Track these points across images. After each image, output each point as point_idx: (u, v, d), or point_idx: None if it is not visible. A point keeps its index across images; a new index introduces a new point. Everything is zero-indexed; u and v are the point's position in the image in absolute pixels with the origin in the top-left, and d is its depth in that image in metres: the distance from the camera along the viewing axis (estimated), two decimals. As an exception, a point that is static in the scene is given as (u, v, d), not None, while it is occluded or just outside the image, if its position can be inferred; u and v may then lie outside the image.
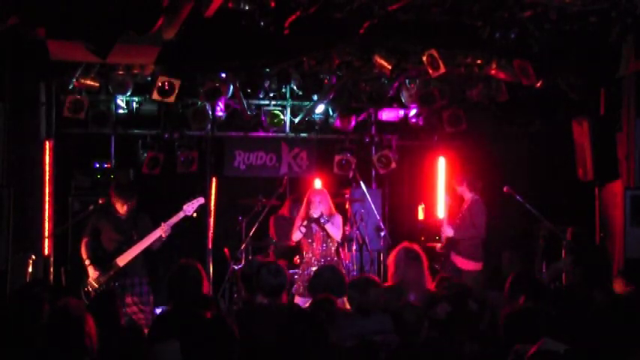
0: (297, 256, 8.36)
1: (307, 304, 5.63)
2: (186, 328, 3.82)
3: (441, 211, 10.10)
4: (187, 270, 5.03)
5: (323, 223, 7.41)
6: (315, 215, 7.41)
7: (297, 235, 7.57)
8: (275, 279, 5.09)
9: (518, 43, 7.09)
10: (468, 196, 8.10)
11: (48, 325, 3.42)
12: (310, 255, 7.55)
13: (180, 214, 7.13)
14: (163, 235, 7.02)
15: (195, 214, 7.41)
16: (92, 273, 6.99)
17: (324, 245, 7.56)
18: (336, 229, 7.52)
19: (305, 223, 7.47)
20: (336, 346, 4.21)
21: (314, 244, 7.55)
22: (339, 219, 7.63)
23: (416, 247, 6.26)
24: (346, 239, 8.96)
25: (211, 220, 9.43)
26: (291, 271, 8.01)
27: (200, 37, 6.81)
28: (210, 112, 9.36)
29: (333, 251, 7.59)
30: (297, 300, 7.32)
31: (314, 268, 7.27)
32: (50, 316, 3.44)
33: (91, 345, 3.43)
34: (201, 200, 7.34)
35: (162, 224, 7.00)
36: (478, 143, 9.90)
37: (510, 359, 3.81)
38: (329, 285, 5.31)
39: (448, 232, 8.07)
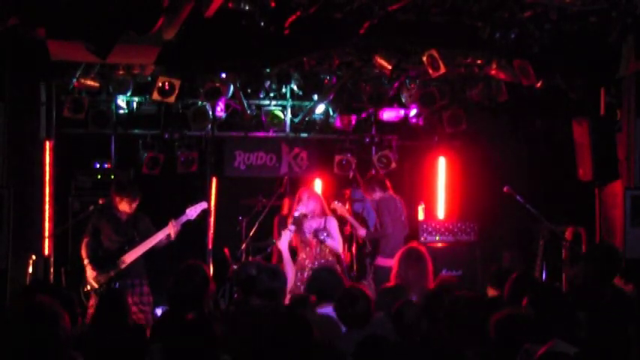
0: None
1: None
2: (170, 331, 3.84)
3: (441, 212, 10.14)
4: (194, 271, 5.01)
5: (323, 240, 7.39)
6: (299, 213, 7.40)
7: (286, 235, 7.51)
8: (272, 282, 5.09)
9: (518, 43, 7.08)
10: (378, 196, 8.22)
11: (24, 323, 3.40)
12: (304, 256, 7.53)
13: (184, 218, 7.12)
14: (172, 235, 7.01)
15: (197, 218, 7.40)
16: (92, 273, 6.99)
17: (318, 249, 7.54)
18: (335, 243, 7.50)
19: (292, 220, 7.45)
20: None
21: (307, 248, 7.53)
22: (334, 225, 7.60)
23: (421, 248, 6.33)
24: (346, 239, 8.98)
25: (211, 220, 9.44)
26: None
27: (200, 37, 6.80)
28: (210, 112, 9.35)
29: (327, 252, 7.56)
30: None
31: (307, 271, 7.28)
32: (25, 315, 3.43)
33: (67, 341, 3.43)
34: (204, 205, 7.33)
35: (172, 222, 6.99)
36: (478, 143, 9.90)
37: (520, 358, 3.81)
38: (325, 286, 5.31)
39: (361, 232, 8.34)
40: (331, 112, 9.92)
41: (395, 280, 6.08)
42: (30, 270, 7.61)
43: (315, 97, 9.65)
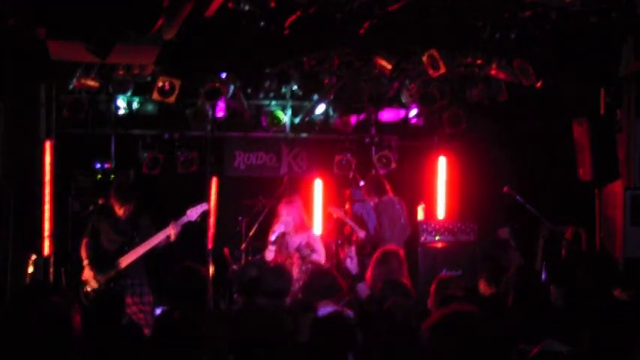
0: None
1: None
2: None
3: (441, 212, 10.13)
4: (191, 273, 5.00)
5: (307, 255, 7.36)
6: (276, 235, 7.33)
7: (268, 255, 7.45)
8: (278, 282, 5.11)
9: (518, 43, 7.09)
10: (376, 199, 8.31)
11: (34, 324, 3.41)
12: (289, 262, 7.49)
13: (184, 219, 7.11)
14: (172, 236, 7.00)
15: (198, 219, 7.40)
16: (92, 273, 6.99)
17: (301, 261, 7.52)
18: (319, 256, 7.45)
19: (272, 242, 7.37)
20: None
21: (292, 259, 7.51)
22: (317, 240, 7.54)
23: (397, 249, 6.33)
24: (346, 240, 8.97)
25: (211, 220, 9.43)
26: None
27: (200, 37, 6.81)
28: (210, 113, 9.35)
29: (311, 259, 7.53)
30: None
31: (294, 275, 7.25)
32: (36, 316, 3.44)
33: (76, 342, 3.43)
34: (205, 206, 7.33)
35: (172, 223, 6.98)
36: (478, 143, 9.90)
37: (514, 358, 3.81)
38: (319, 288, 5.32)
39: (360, 234, 8.42)
40: (331, 112, 9.91)
41: (370, 281, 6.08)
42: (30, 270, 7.60)
43: (315, 97, 9.65)
